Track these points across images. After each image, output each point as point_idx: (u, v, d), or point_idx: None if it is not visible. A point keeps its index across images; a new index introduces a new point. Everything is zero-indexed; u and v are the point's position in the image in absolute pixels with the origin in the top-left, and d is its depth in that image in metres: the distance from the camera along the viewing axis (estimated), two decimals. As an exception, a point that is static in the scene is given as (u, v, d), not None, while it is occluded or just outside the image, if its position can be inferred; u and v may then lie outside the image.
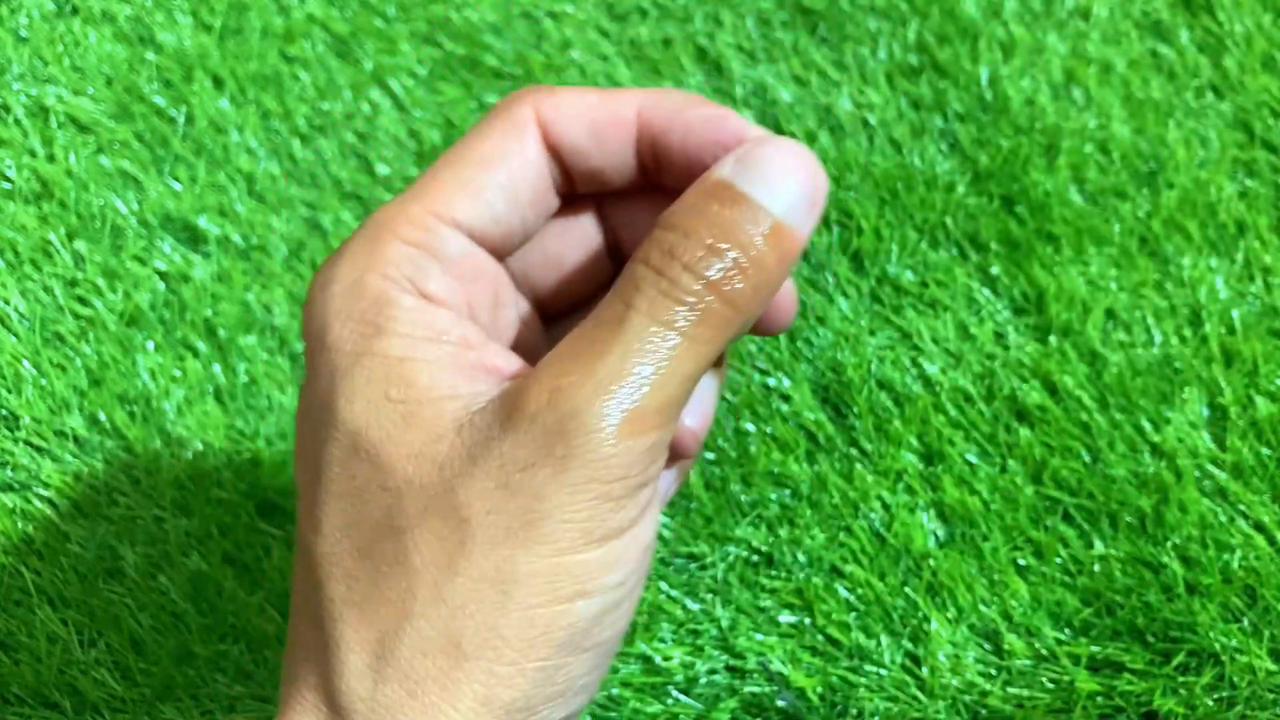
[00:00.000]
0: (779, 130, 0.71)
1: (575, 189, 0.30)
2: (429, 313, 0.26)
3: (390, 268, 0.26)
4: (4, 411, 0.61)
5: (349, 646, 0.25)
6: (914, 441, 0.60)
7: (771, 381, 0.62)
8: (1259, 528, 0.56)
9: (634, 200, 0.31)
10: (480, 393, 0.26)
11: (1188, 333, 0.62)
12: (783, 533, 0.58)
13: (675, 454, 0.31)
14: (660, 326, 0.25)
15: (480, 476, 0.25)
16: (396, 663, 0.25)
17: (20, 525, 0.58)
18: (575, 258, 0.31)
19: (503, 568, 0.25)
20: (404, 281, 0.26)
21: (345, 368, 0.26)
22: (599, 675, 0.27)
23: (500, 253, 0.29)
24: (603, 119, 0.28)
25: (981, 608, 0.55)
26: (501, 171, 0.28)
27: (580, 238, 0.31)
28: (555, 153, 0.29)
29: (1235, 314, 0.62)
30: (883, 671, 0.54)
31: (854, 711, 0.54)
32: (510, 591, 0.25)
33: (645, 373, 0.24)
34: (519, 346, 0.31)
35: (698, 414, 0.31)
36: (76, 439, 0.60)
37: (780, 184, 0.26)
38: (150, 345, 0.62)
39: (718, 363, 0.32)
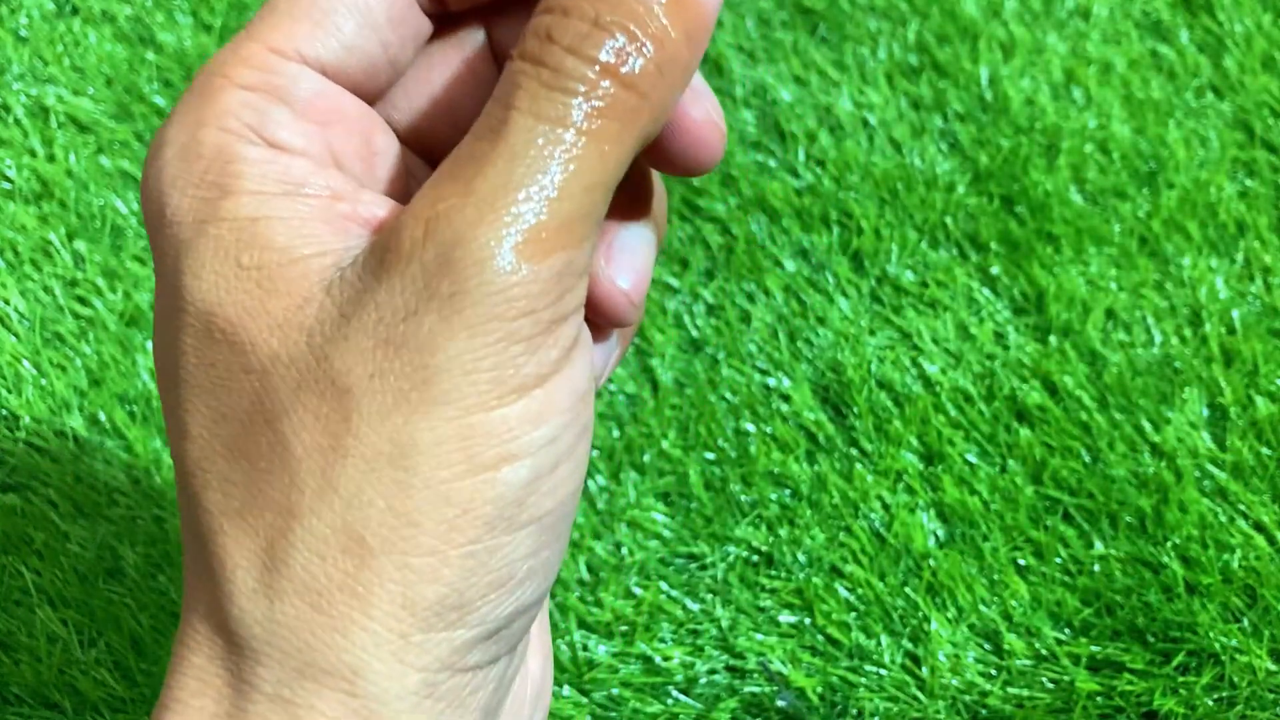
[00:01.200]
0: (780, 132, 0.71)
1: (448, 5, 0.25)
2: (282, 164, 0.22)
3: (228, 119, 0.22)
4: (4, 411, 0.61)
5: (235, 563, 0.22)
6: (914, 441, 0.60)
7: (771, 381, 0.62)
8: (1259, 528, 0.56)
9: (524, 12, 0.25)
10: (353, 247, 0.22)
11: (1188, 333, 0.62)
12: (783, 533, 0.58)
13: (609, 319, 0.26)
14: (549, 124, 0.20)
15: (356, 336, 0.21)
16: (291, 573, 0.21)
17: (20, 525, 0.58)
18: (463, 94, 0.26)
19: (399, 439, 0.21)
20: (247, 132, 0.22)
21: (189, 240, 0.22)
22: (549, 557, 0.23)
23: (366, 91, 0.24)
24: None
25: (981, 608, 0.55)
26: None
27: (466, 69, 0.26)
28: None
29: (1235, 314, 0.62)
30: (883, 671, 0.54)
31: (854, 711, 0.54)
32: (414, 466, 0.21)
33: (540, 181, 0.20)
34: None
35: (630, 272, 0.26)
36: (76, 439, 0.60)
37: None
38: (150, 345, 0.62)
39: (644, 209, 0.27)
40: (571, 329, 0.22)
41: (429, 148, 0.26)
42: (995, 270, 0.64)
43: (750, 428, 0.60)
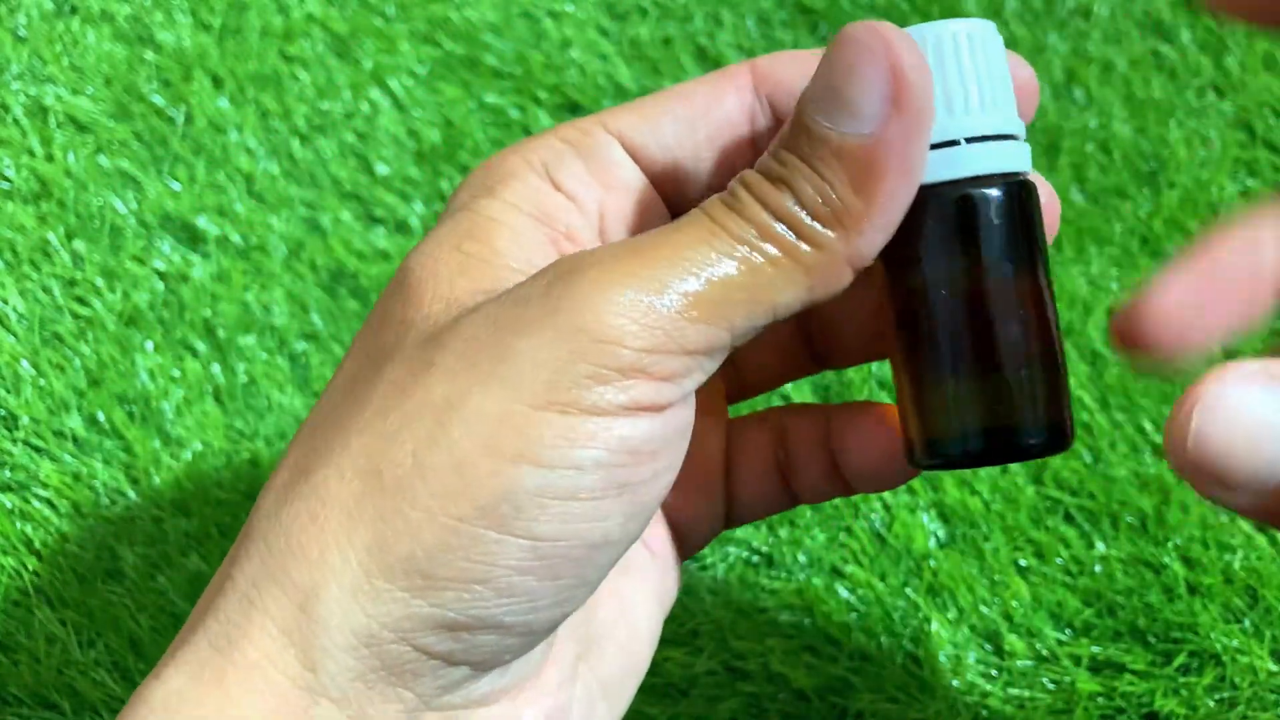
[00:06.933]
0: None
1: None
2: (546, 195, 0.26)
3: (532, 153, 0.27)
4: (2, 411, 0.61)
5: (284, 466, 0.24)
6: (915, 442, 0.60)
7: (772, 381, 0.62)
8: (1260, 528, 0.56)
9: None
10: None
11: (1189, 333, 0.62)
12: (783, 533, 0.57)
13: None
14: (725, 242, 0.23)
15: (485, 308, 0.24)
16: (310, 481, 0.23)
17: (18, 525, 0.58)
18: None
19: (451, 398, 0.22)
20: (538, 165, 0.27)
21: (445, 216, 0.26)
22: (541, 593, 0.23)
23: (664, 185, 0.28)
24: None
25: (982, 608, 0.55)
26: (681, 104, 0.27)
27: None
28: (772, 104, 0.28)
29: (1236, 314, 0.62)
30: (883, 673, 0.54)
31: (854, 712, 0.54)
32: (448, 424, 0.22)
33: (691, 269, 0.23)
34: None
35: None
36: (75, 439, 0.60)
37: (862, 99, 0.23)
38: (149, 345, 0.62)
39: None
40: (648, 394, 0.23)
41: None
42: (996, 270, 0.64)
43: (750, 428, 0.60)
